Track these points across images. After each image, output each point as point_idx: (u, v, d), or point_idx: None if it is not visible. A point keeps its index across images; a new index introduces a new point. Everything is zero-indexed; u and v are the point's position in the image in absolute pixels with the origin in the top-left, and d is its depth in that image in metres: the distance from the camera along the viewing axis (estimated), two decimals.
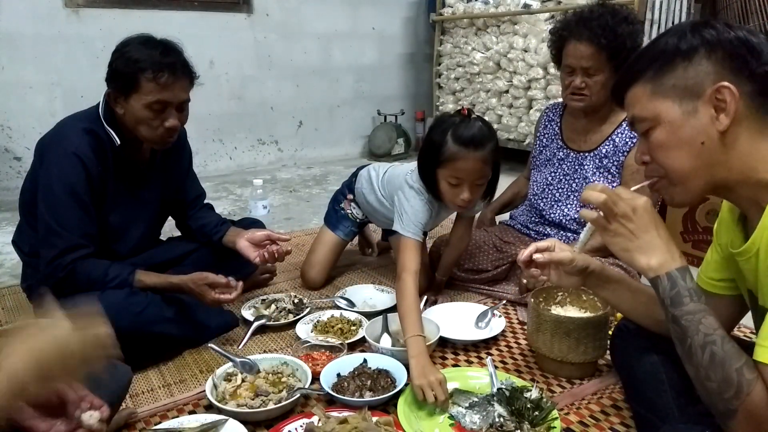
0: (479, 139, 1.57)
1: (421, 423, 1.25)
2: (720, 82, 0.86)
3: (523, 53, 3.84)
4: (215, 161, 4.18)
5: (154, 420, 1.33)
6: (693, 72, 0.88)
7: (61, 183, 1.47)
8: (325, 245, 2.14)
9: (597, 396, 1.40)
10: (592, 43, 1.76)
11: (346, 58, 4.70)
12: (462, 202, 1.65)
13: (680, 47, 0.90)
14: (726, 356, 0.86)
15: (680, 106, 0.90)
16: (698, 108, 0.88)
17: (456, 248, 1.96)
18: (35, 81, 3.48)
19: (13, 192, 3.50)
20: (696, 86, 0.88)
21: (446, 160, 1.60)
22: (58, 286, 1.49)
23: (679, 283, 0.92)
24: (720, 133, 0.88)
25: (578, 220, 1.95)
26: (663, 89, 0.91)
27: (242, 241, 1.78)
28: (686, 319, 0.90)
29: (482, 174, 1.62)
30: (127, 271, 1.53)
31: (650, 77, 0.93)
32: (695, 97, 0.89)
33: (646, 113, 0.94)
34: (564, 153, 2.01)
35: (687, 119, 0.90)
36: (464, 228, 1.93)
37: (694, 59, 0.89)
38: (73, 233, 1.48)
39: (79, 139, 1.50)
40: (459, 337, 1.64)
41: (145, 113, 1.49)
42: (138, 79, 1.46)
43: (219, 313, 1.74)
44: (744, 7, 3.22)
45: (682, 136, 0.91)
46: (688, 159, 0.91)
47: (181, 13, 3.87)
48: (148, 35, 1.53)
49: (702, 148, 0.89)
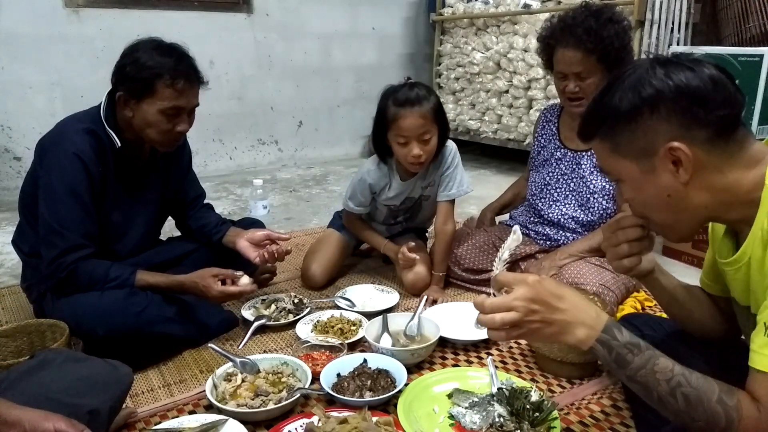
0: (414, 98, 1.78)
1: (421, 423, 1.25)
2: (670, 143, 0.84)
3: (523, 53, 3.84)
4: (215, 161, 4.18)
5: (154, 420, 1.33)
6: (641, 133, 0.87)
7: (62, 183, 1.47)
8: (330, 245, 2.14)
9: (597, 396, 1.40)
10: (579, 48, 1.76)
11: (346, 58, 4.70)
12: (414, 159, 1.81)
13: (623, 108, 0.87)
14: (699, 392, 0.83)
15: (638, 165, 0.89)
16: (656, 165, 0.87)
17: (442, 236, 1.98)
18: (35, 81, 3.48)
19: (13, 192, 3.49)
20: (648, 146, 0.87)
21: (391, 121, 1.81)
22: (59, 286, 1.49)
23: (613, 344, 0.88)
24: (683, 184, 0.86)
25: (577, 219, 1.95)
26: (619, 149, 0.90)
27: (242, 242, 1.79)
28: (640, 375, 0.87)
29: (425, 129, 1.79)
30: (128, 271, 1.53)
31: (604, 136, 0.92)
32: (650, 155, 0.87)
33: (609, 169, 0.94)
34: (561, 153, 2.01)
35: (647, 177, 0.89)
36: (444, 214, 1.98)
37: (639, 120, 0.86)
38: (74, 233, 1.48)
39: (80, 140, 1.50)
40: (459, 337, 1.64)
41: (158, 118, 1.51)
42: (154, 84, 1.48)
43: (219, 312, 1.75)
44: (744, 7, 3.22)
45: (648, 192, 0.90)
46: (660, 211, 0.92)
47: (181, 13, 3.87)
48: (158, 39, 1.55)
49: (670, 200, 0.89)
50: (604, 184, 1.90)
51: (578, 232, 1.96)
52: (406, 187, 2.00)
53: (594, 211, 1.92)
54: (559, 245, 1.97)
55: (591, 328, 0.90)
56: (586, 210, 1.94)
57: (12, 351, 1.49)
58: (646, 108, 0.86)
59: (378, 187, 2.00)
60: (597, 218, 1.92)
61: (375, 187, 2.01)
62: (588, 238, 1.88)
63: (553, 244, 1.99)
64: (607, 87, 0.91)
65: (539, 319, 0.90)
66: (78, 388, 1.07)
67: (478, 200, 2.91)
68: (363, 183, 2.00)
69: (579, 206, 1.95)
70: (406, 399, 1.31)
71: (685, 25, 3.33)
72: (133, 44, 1.54)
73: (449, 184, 1.95)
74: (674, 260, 2.38)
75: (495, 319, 0.89)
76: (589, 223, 1.93)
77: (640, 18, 3.18)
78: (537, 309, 0.89)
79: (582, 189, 1.94)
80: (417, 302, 1.79)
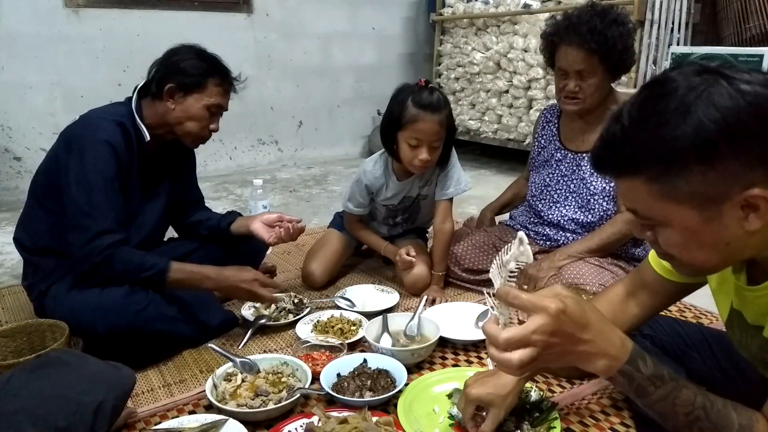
0: (437, 104, 1.78)
1: (421, 423, 1.25)
2: (751, 190, 0.70)
3: (523, 53, 3.84)
4: (215, 161, 4.19)
5: (154, 420, 1.33)
6: (715, 177, 0.71)
7: (96, 168, 1.49)
8: (331, 245, 2.15)
9: (597, 396, 1.40)
10: (583, 48, 1.75)
11: (346, 58, 4.70)
12: (420, 162, 1.82)
13: (696, 144, 0.70)
14: (718, 425, 0.80)
15: (699, 213, 0.74)
16: (722, 212, 0.73)
17: (441, 235, 1.98)
18: (35, 81, 3.48)
19: (13, 192, 3.51)
20: (721, 194, 0.72)
21: (407, 122, 1.79)
22: (93, 270, 1.49)
23: (636, 376, 0.81)
24: (749, 233, 0.74)
25: (577, 221, 1.95)
26: (676, 194, 0.74)
27: (256, 223, 1.83)
28: (660, 406, 0.83)
29: (439, 136, 1.81)
30: (164, 260, 1.55)
31: (655, 177, 0.74)
32: (719, 202, 0.72)
33: (652, 214, 0.79)
34: (562, 154, 2.01)
35: (708, 225, 0.75)
36: (442, 213, 1.98)
37: (714, 161, 0.70)
38: (107, 217, 1.50)
39: (111, 129, 1.54)
40: (459, 337, 1.64)
41: (201, 113, 1.62)
42: (206, 81, 1.61)
43: (219, 312, 1.75)
44: (744, 7, 3.22)
45: (702, 240, 0.77)
46: (707, 257, 0.79)
47: (181, 13, 3.87)
48: (198, 46, 1.67)
49: (727, 248, 0.77)
50: (604, 185, 1.90)
51: (578, 233, 1.95)
52: (403, 187, 2.00)
53: (594, 212, 1.92)
54: (559, 245, 1.97)
55: (614, 359, 0.81)
56: (586, 211, 1.94)
57: (12, 351, 1.49)
58: (725, 143, 0.69)
59: (375, 187, 2.01)
60: (597, 219, 1.92)
61: (372, 188, 2.01)
62: (587, 239, 1.88)
63: (553, 244, 1.99)
64: (657, 110, 0.73)
65: (558, 351, 0.80)
66: (83, 386, 1.08)
67: (478, 200, 2.92)
68: (360, 184, 2.01)
69: (579, 208, 1.95)
70: (406, 399, 1.31)
71: (685, 25, 3.33)
72: (180, 46, 1.65)
73: (447, 183, 1.96)
74: None
75: (512, 360, 0.77)
76: (590, 224, 1.93)
77: (640, 18, 3.18)
78: (558, 342, 0.78)
79: (582, 190, 1.94)
80: (417, 302, 1.79)
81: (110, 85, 3.58)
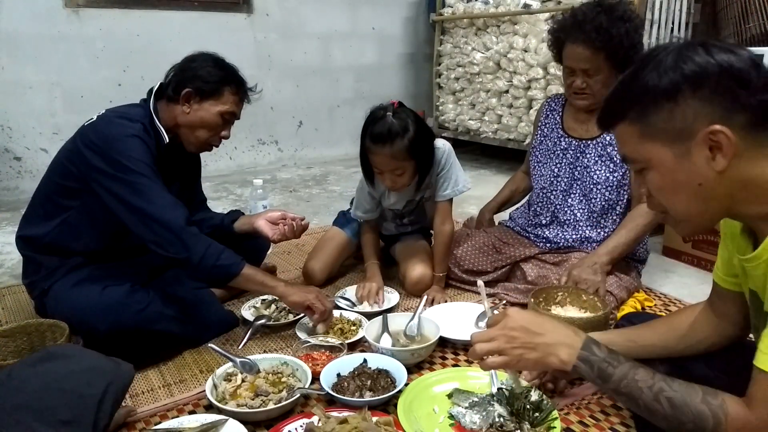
0: (387, 135, 1.71)
1: (421, 423, 1.25)
2: (712, 125, 0.80)
3: (523, 53, 3.84)
4: (215, 161, 4.18)
5: (154, 420, 1.33)
6: (680, 114, 0.82)
7: (141, 160, 1.51)
8: (331, 243, 2.15)
9: (597, 396, 1.40)
10: (588, 45, 1.75)
11: (346, 58, 4.70)
12: (390, 186, 1.85)
13: (662, 86, 0.82)
14: (684, 395, 0.87)
15: (671, 149, 0.84)
16: (691, 150, 0.83)
17: (441, 236, 1.97)
18: (35, 81, 3.47)
19: (13, 192, 3.51)
20: (686, 129, 0.82)
21: (365, 152, 1.81)
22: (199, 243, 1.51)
23: (593, 359, 0.95)
24: (718, 172, 0.82)
25: (580, 210, 1.96)
26: (651, 131, 0.85)
27: (260, 221, 1.85)
28: (623, 385, 0.92)
29: (395, 166, 1.77)
30: (240, 257, 1.57)
31: (636, 117, 0.86)
32: (686, 139, 0.82)
33: (636, 155, 0.89)
34: (566, 142, 1.99)
35: (680, 162, 0.84)
36: (442, 214, 1.97)
37: (679, 99, 0.81)
38: (177, 206, 1.53)
39: (137, 126, 1.56)
40: (459, 337, 1.64)
41: (215, 119, 1.64)
42: (223, 88, 1.63)
43: (219, 312, 1.75)
44: (744, 7, 3.21)
45: (678, 179, 0.86)
46: (687, 201, 0.87)
47: (181, 13, 3.86)
48: (216, 54, 1.68)
49: (700, 189, 0.85)
50: (607, 175, 1.89)
51: (578, 228, 1.95)
52: (404, 194, 2.00)
53: (596, 202, 1.92)
54: (559, 248, 1.97)
55: (571, 347, 0.97)
56: (587, 201, 1.93)
57: (12, 351, 1.49)
58: (688, 86, 0.80)
59: (378, 193, 2.01)
60: (598, 209, 1.92)
61: (375, 194, 2.01)
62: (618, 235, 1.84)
63: (552, 246, 1.99)
64: (638, 68, 0.86)
65: (520, 345, 0.98)
66: (85, 378, 1.09)
67: (477, 200, 2.91)
68: (363, 191, 2.02)
69: (582, 196, 1.95)
70: (406, 399, 1.31)
71: (685, 25, 3.34)
72: (198, 53, 1.67)
73: (444, 185, 1.95)
74: (674, 260, 2.38)
75: (475, 349, 1.00)
76: (591, 214, 1.93)
77: (640, 18, 3.18)
78: (516, 336, 0.98)
79: (585, 179, 1.93)
80: (417, 302, 1.79)
81: (110, 85, 3.58)
